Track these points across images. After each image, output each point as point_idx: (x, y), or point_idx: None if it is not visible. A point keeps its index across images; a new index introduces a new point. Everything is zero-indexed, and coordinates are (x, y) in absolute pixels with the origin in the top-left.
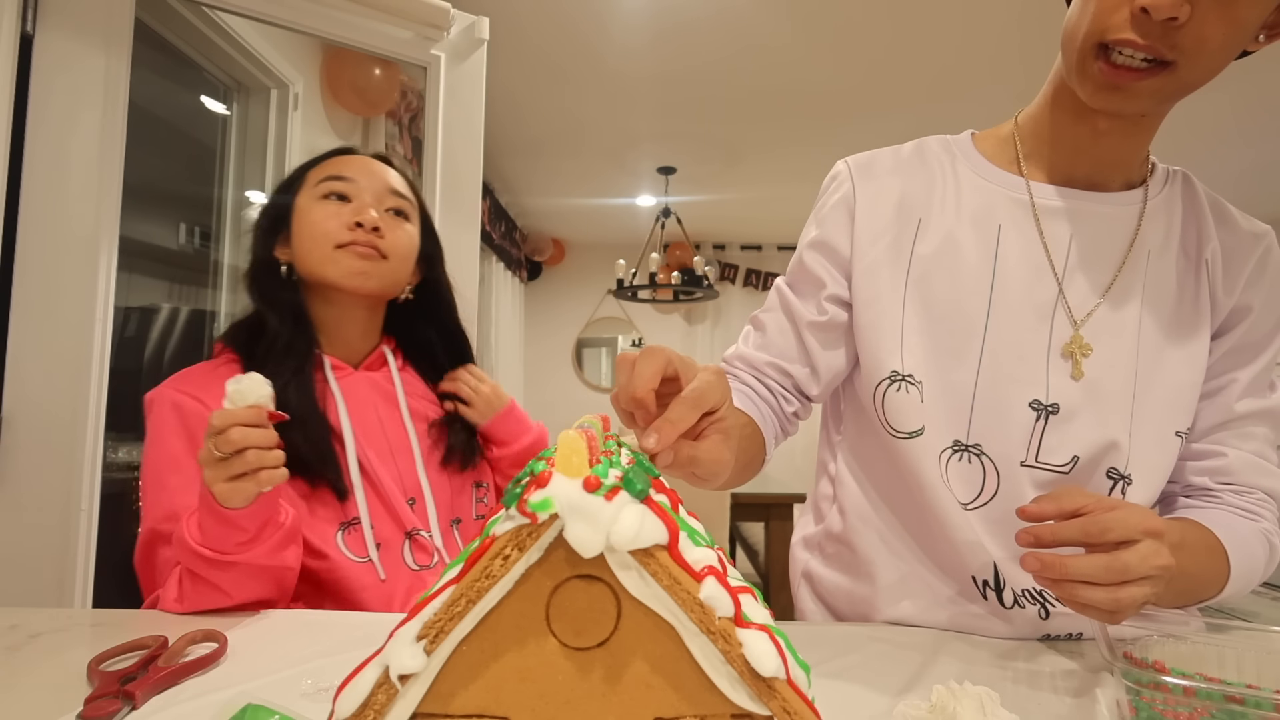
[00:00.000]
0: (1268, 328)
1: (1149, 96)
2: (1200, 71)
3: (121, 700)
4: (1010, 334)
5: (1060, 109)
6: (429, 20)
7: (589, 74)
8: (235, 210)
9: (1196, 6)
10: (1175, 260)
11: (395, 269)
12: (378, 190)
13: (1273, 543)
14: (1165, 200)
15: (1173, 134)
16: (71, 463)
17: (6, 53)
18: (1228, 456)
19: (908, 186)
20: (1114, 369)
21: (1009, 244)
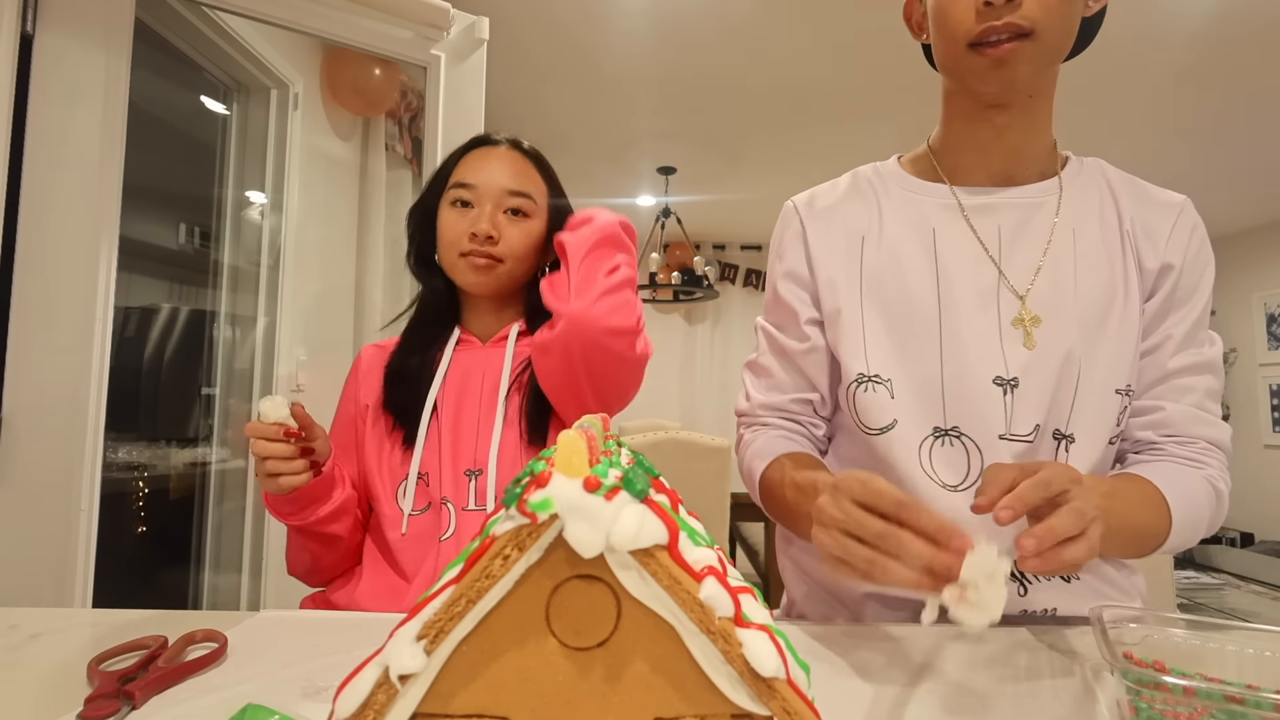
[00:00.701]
0: (1193, 283)
1: (1027, 63)
2: (1056, 34)
3: (121, 700)
4: (963, 321)
5: (958, 118)
6: (429, 20)
7: (589, 74)
8: (235, 210)
9: None
10: (1099, 234)
11: (512, 269)
12: (497, 194)
13: (1217, 487)
14: (1080, 184)
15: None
16: (71, 463)
17: (6, 53)
18: (1166, 410)
19: (848, 210)
20: (1058, 336)
21: (945, 242)
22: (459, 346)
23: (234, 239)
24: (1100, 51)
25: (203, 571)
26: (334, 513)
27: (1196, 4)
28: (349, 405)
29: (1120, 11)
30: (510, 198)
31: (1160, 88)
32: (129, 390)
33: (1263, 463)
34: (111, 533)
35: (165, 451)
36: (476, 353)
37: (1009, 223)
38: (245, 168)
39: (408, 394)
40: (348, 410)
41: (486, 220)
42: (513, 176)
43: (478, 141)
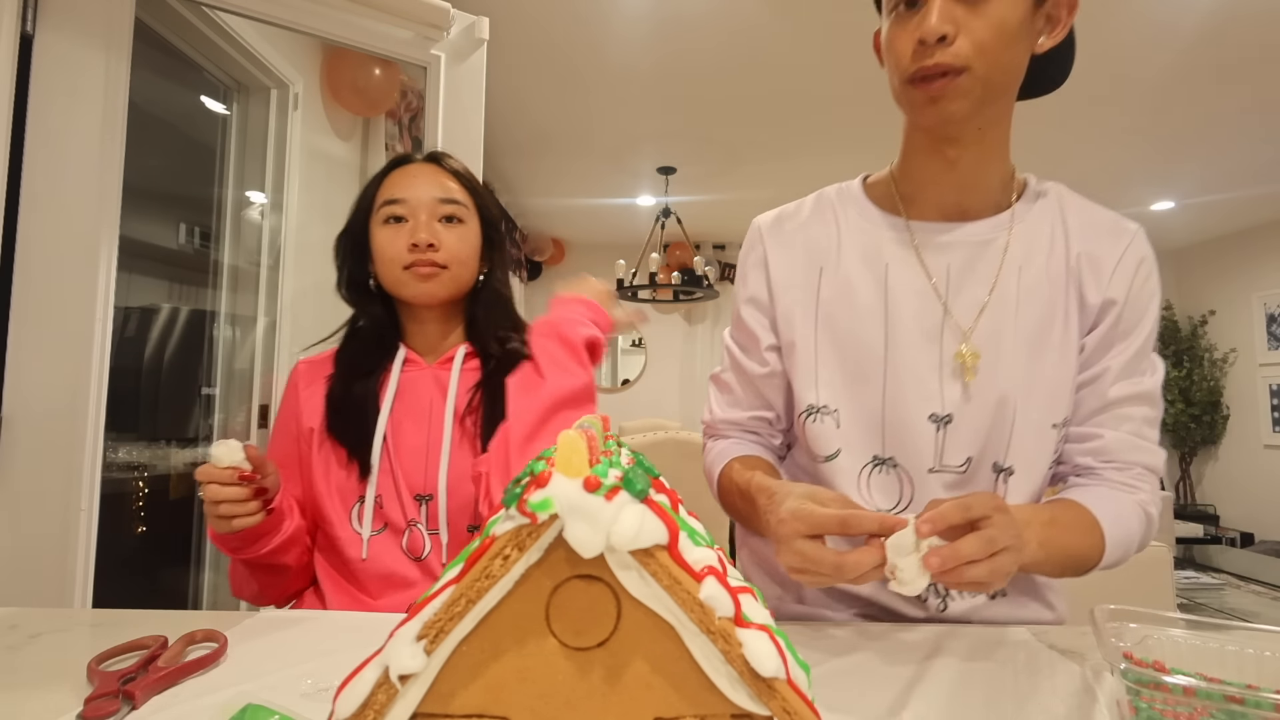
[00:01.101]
0: (1136, 317)
1: (960, 99)
2: (993, 69)
3: (121, 700)
4: (906, 357)
5: (915, 151)
6: (429, 20)
7: (589, 74)
8: (235, 210)
9: (960, 22)
10: (1045, 269)
11: (457, 274)
12: (429, 204)
13: (1148, 511)
14: (1033, 217)
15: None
16: (71, 463)
17: (6, 53)
18: (1105, 438)
19: (810, 237)
20: (996, 374)
21: (896, 278)
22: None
23: (234, 239)
24: (1099, 53)
25: (203, 571)
26: (284, 544)
27: (1195, 6)
28: (290, 424)
29: (1119, 13)
30: (442, 205)
31: (1159, 88)
32: (129, 390)
33: (1263, 463)
34: (111, 533)
35: (165, 451)
36: (423, 373)
37: (958, 261)
38: (245, 168)
39: (356, 423)
40: (288, 429)
41: (424, 229)
42: (440, 187)
43: (398, 161)
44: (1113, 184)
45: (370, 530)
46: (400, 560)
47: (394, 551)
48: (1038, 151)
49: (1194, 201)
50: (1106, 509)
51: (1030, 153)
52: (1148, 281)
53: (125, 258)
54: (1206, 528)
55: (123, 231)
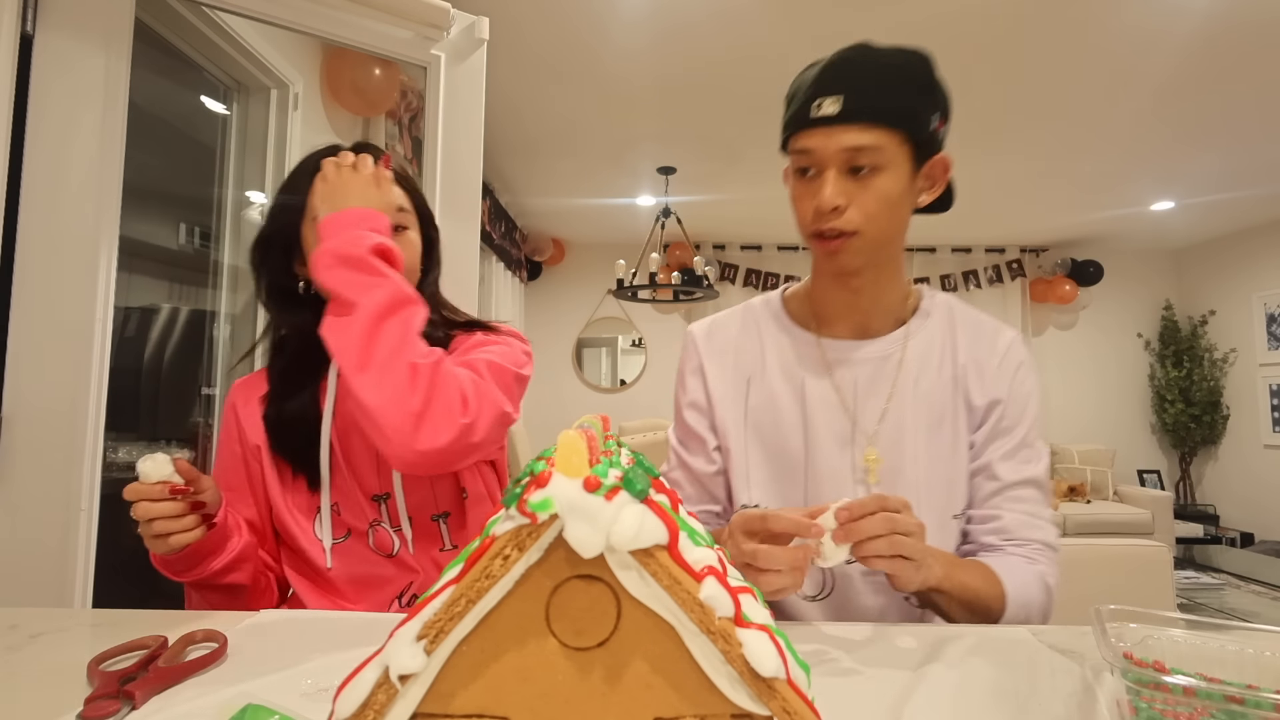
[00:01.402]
0: (1017, 413)
1: (855, 254)
2: (880, 231)
3: (121, 700)
4: (823, 462)
5: (824, 280)
6: (429, 20)
7: (589, 74)
8: (235, 210)
9: (850, 195)
10: (936, 378)
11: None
12: None
13: (1047, 582)
14: (925, 332)
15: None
16: (71, 463)
17: (6, 53)
18: (1004, 519)
19: (738, 350)
20: (900, 473)
21: (811, 390)
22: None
23: (234, 239)
24: (1100, 53)
25: None
26: (231, 563)
27: (1195, 6)
28: (233, 446)
29: (1119, 13)
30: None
31: (1159, 89)
32: (129, 390)
33: (1263, 463)
34: (111, 533)
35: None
36: None
37: (863, 375)
38: (245, 168)
39: (297, 438)
40: (233, 451)
41: None
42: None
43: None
44: (1113, 184)
45: (332, 538)
46: (370, 561)
47: (362, 553)
48: (1038, 153)
49: (1194, 201)
50: (1008, 571)
51: (1031, 154)
52: (1025, 382)
53: (125, 258)
54: (1206, 528)
55: (123, 231)
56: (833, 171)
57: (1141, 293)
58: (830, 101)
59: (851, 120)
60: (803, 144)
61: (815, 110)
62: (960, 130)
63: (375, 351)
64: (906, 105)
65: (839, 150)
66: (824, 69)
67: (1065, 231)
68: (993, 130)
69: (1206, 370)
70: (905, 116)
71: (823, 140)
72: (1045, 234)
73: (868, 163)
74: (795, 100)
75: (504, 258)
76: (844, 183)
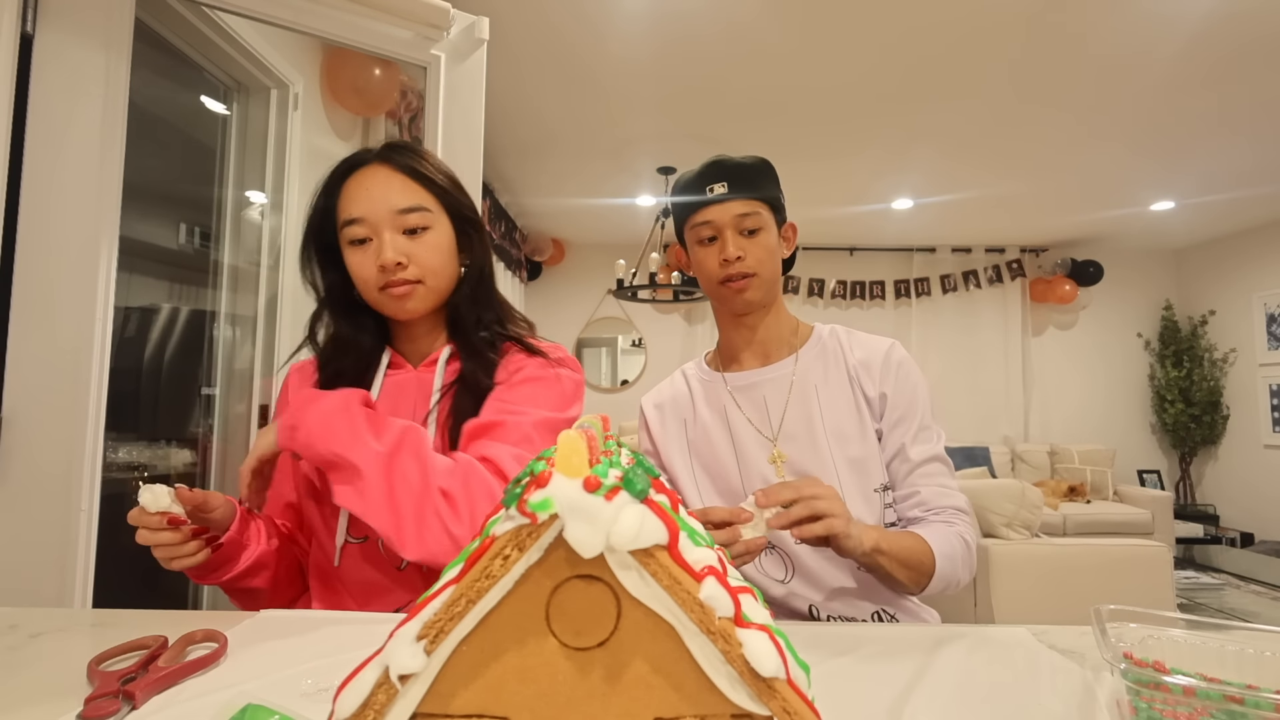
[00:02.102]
0: (907, 402)
1: (755, 291)
2: (770, 273)
3: (121, 700)
4: (752, 468)
5: (729, 326)
6: (429, 20)
7: (589, 74)
8: (235, 210)
9: (745, 248)
10: (836, 377)
11: (433, 285)
12: (389, 218)
13: (965, 538)
14: (819, 351)
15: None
16: (71, 463)
17: (6, 53)
18: (921, 493)
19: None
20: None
21: (733, 416)
22: (389, 370)
23: (234, 239)
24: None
25: None
26: (247, 571)
27: (1195, 6)
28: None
29: (1119, 13)
30: (404, 216)
31: (1158, 89)
32: (129, 390)
33: (1263, 463)
34: (111, 533)
35: (165, 451)
36: (407, 377)
37: (770, 392)
38: (245, 168)
39: None
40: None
41: (389, 249)
42: (399, 192)
43: (349, 166)
44: (1113, 184)
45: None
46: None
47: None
48: (1039, 154)
49: (1194, 201)
50: (931, 533)
51: (1032, 155)
52: (909, 375)
53: (125, 258)
54: (1206, 528)
55: (123, 231)
56: (730, 233)
57: (1141, 293)
58: (719, 185)
59: (735, 196)
60: (703, 217)
61: (710, 191)
62: (960, 130)
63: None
64: (768, 186)
65: (732, 216)
66: (708, 167)
67: (1065, 231)
68: (993, 130)
69: (1206, 370)
70: (765, 192)
71: (719, 211)
72: (1045, 234)
73: (751, 225)
74: (688, 192)
75: (504, 258)
76: (740, 240)
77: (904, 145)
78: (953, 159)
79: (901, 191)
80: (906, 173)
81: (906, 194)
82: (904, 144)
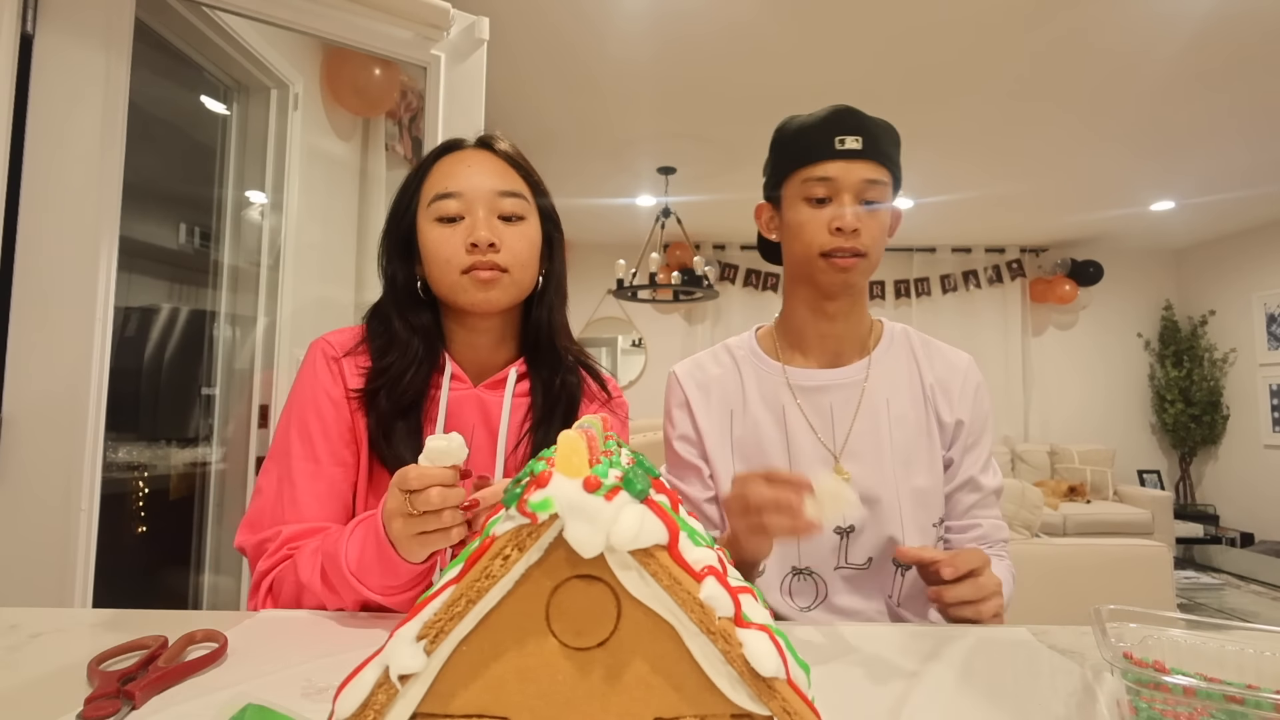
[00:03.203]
0: (979, 430)
1: (861, 275)
2: (877, 255)
3: (121, 700)
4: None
5: (802, 308)
6: (429, 20)
7: (589, 74)
8: (235, 210)
9: (864, 222)
10: (908, 397)
11: (518, 278)
12: (487, 198)
13: (1013, 571)
14: (889, 359)
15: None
16: (71, 463)
17: (6, 53)
18: (982, 526)
19: (722, 385)
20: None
21: (792, 417)
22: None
23: (234, 239)
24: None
25: (203, 571)
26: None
27: (1195, 6)
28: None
29: (1119, 13)
30: (502, 199)
31: (1160, 89)
32: (129, 390)
33: (1263, 463)
34: (111, 533)
35: (165, 451)
36: (466, 395)
37: (838, 399)
38: (245, 168)
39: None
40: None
41: (484, 226)
42: (499, 176)
43: (448, 147)
44: (1113, 184)
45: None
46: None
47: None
48: (1039, 153)
49: (1194, 201)
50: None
51: (1032, 155)
52: (984, 401)
53: (125, 258)
54: (1206, 528)
55: (123, 231)
56: (848, 197)
57: (1141, 293)
58: (852, 139)
59: (868, 156)
60: (824, 171)
61: (839, 144)
62: (960, 130)
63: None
64: (896, 157)
65: (858, 180)
66: (838, 114)
67: (1065, 231)
68: (992, 130)
69: (1206, 370)
70: (896, 165)
71: (843, 170)
72: (1045, 234)
73: (875, 196)
74: (806, 138)
75: None
76: (859, 210)
77: (904, 145)
78: (953, 159)
79: (901, 191)
80: (906, 172)
81: (906, 194)
82: (904, 144)
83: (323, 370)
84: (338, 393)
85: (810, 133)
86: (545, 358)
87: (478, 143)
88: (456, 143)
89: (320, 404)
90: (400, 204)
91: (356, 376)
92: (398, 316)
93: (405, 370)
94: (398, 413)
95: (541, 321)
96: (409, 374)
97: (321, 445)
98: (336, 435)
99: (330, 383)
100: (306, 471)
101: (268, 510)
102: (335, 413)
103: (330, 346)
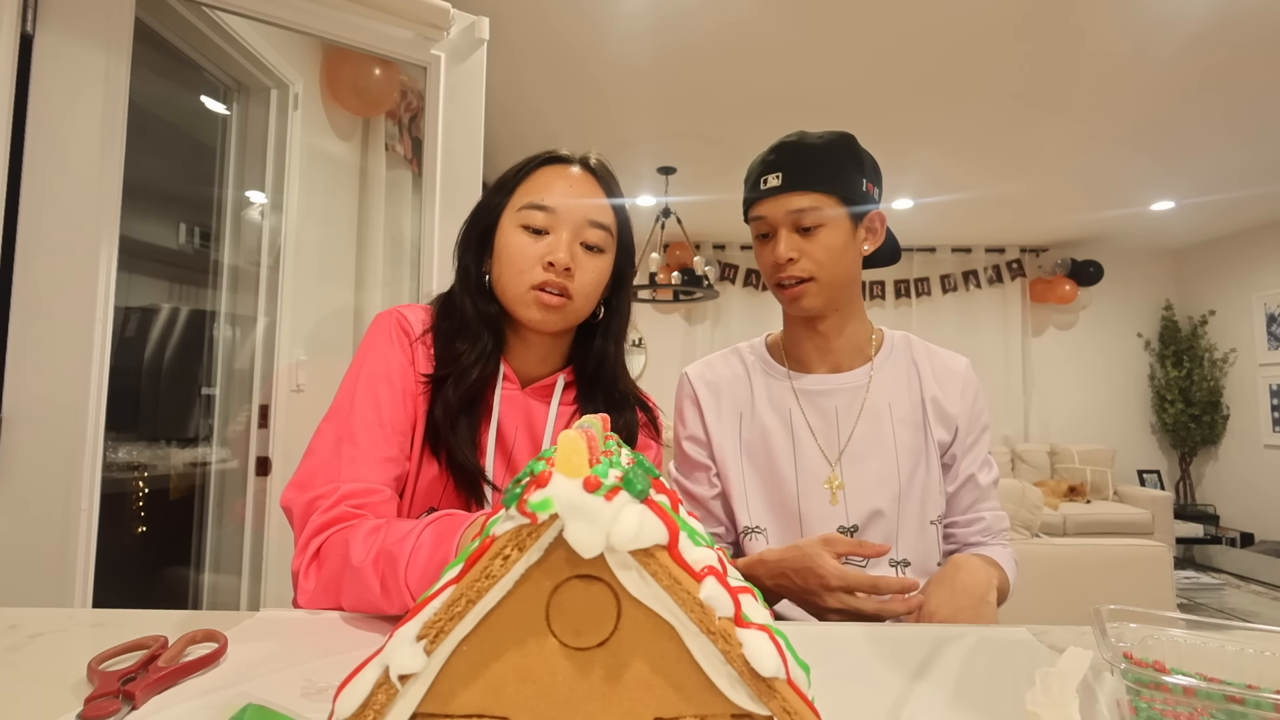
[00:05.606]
0: (976, 430)
1: (813, 298)
2: (834, 276)
3: (121, 700)
4: (811, 484)
5: (796, 328)
6: (429, 20)
7: (589, 73)
8: (235, 210)
9: (801, 248)
10: (908, 401)
11: (579, 307)
12: (576, 222)
13: (1015, 559)
14: (891, 365)
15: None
16: (71, 463)
17: (6, 53)
18: (986, 520)
19: (731, 388)
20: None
21: (798, 421)
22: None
23: (234, 239)
24: (1099, 53)
25: (203, 571)
26: None
27: (1195, 6)
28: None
29: (1119, 13)
30: (590, 229)
31: (1159, 89)
32: (129, 390)
33: (1263, 463)
34: (111, 533)
35: (165, 451)
36: (515, 398)
37: (841, 404)
38: (245, 168)
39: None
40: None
41: (565, 250)
42: (594, 206)
43: (549, 159)
44: (1113, 184)
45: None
46: None
47: None
48: (1039, 153)
49: (1194, 201)
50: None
51: (1032, 155)
52: (978, 402)
53: (125, 258)
54: (1206, 528)
55: (123, 231)
56: (784, 230)
57: (1141, 293)
58: (773, 177)
59: (790, 189)
60: (757, 212)
61: (763, 184)
62: (960, 130)
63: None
64: (830, 174)
65: (785, 213)
66: (765, 154)
67: (1065, 231)
68: (993, 130)
69: (1206, 370)
70: (834, 182)
71: (771, 207)
72: (1045, 234)
73: (810, 222)
74: (749, 181)
75: None
76: (794, 239)
77: (904, 145)
78: (953, 159)
79: (901, 191)
80: (906, 173)
81: (906, 194)
82: (904, 144)
83: (401, 344)
84: (411, 371)
85: (749, 176)
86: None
87: (583, 163)
88: (563, 156)
89: (392, 374)
90: (490, 198)
91: (426, 361)
92: (471, 305)
93: (475, 363)
94: (462, 406)
95: (604, 355)
96: (477, 368)
97: (389, 412)
98: (403, 408)
99: (405, 360)
100: (371, 433)
101: (323, 468)
102: (405, 387)
103: (408, 323)
